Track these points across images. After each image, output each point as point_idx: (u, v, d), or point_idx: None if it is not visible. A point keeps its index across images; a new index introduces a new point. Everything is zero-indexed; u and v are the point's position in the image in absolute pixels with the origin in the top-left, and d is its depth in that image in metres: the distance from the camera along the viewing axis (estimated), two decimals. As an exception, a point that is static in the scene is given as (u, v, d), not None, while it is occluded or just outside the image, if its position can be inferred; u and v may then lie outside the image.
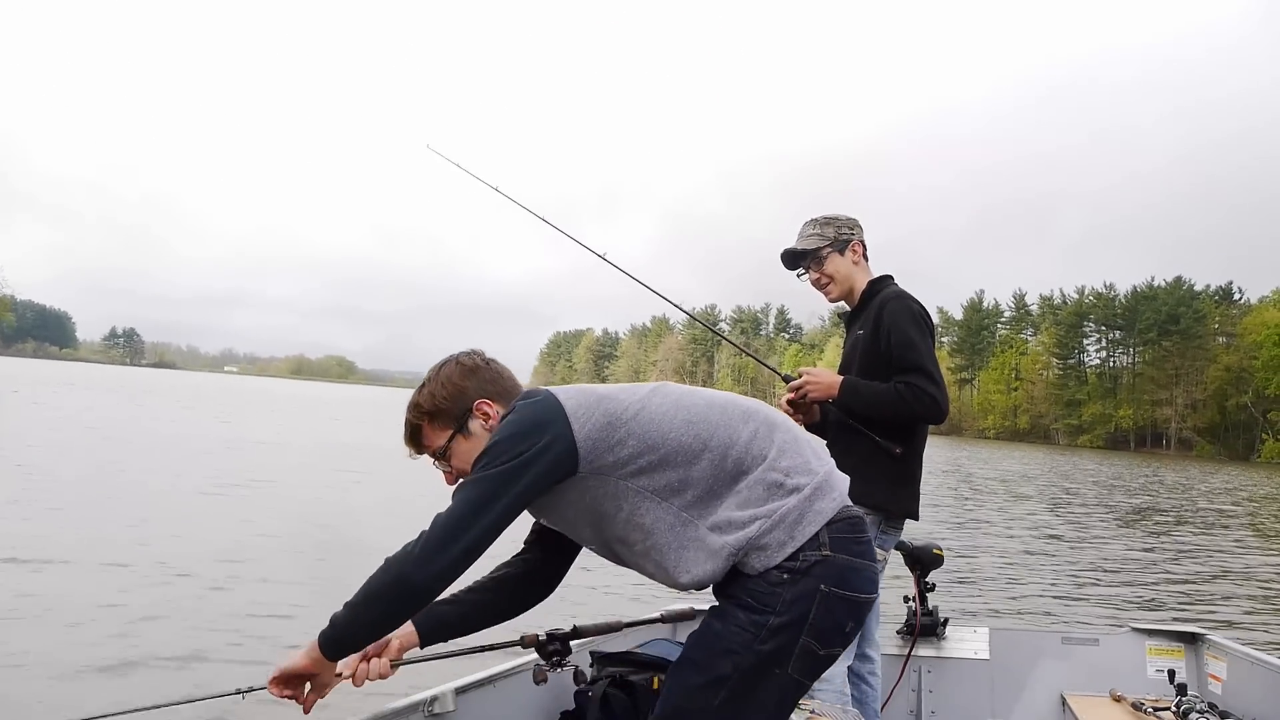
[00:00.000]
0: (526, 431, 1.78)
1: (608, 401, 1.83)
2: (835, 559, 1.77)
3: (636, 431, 1.80)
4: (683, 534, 1.80)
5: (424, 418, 1.97)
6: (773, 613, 1.75)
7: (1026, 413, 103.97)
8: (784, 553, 1.75)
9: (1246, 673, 3.36)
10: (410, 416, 1.99)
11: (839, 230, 3.13)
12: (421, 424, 1.98)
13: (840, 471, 1.92)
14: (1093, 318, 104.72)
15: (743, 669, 1.75)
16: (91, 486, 12.22)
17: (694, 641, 1.85)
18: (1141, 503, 23.71)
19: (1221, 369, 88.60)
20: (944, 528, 14.02)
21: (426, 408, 1.97)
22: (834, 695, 2.85)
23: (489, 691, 2.67)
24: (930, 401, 2.88)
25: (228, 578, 7.53)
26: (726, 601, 1.81)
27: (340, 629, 1.81)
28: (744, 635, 1.75)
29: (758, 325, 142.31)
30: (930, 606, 3.76)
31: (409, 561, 1.73)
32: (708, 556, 1.78)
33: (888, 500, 2.95)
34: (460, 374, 1.98)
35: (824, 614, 1.75)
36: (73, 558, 7.86)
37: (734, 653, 1.75)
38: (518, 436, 1.77)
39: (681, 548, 1.80)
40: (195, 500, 11.78)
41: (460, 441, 1.95)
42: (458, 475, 1.95)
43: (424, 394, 1.98)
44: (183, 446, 19.22)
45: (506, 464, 1.75)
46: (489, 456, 1.78)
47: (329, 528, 9.94)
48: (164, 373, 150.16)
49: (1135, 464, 53.39)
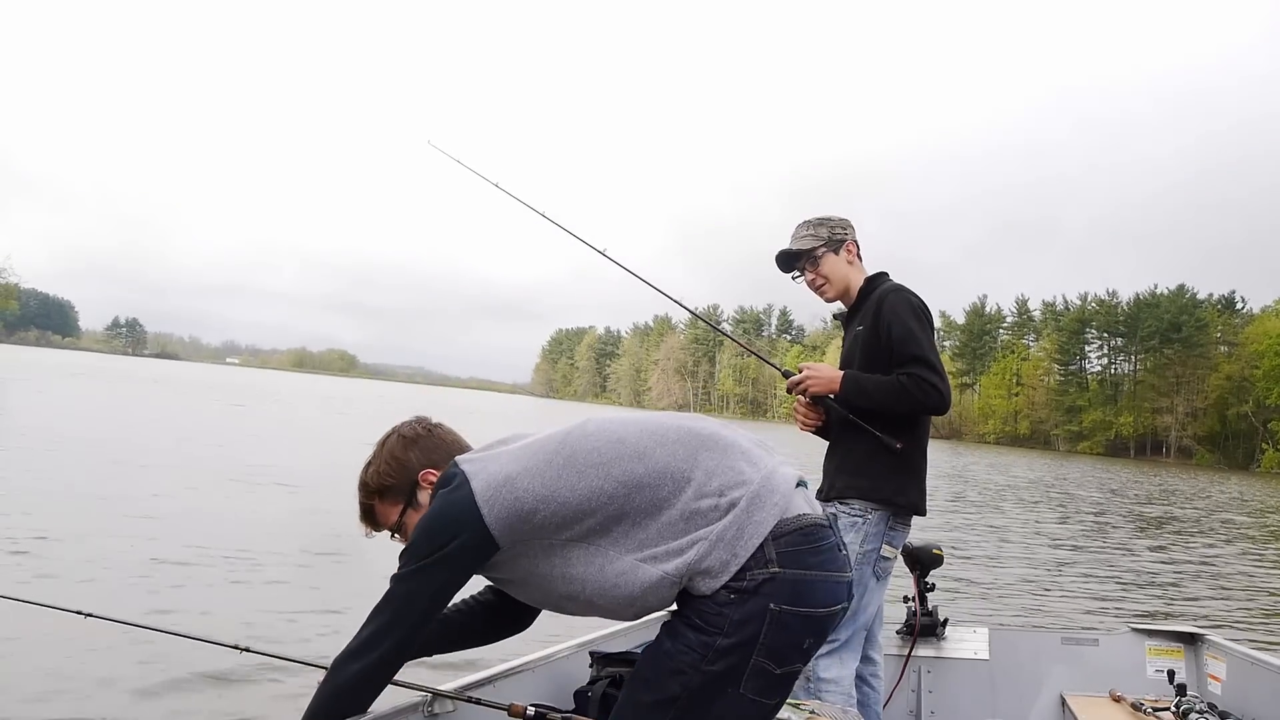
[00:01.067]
0: (440, 529, 1.80)
1: (516, 480, 1.79)
2: (784, 575, 1.70)
3: (549, 498, 1.77)
4: (621, 571, 1.76)
5: (374, 496, 2.03)
6: (720, 634, 1.69)
7: (1027, 418, 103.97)
8: (728, 572, 1.70)
9: (1246, 673, 3.36)
10: (361, 498, 2.05)
11: (832, 230, 3.11)
12: (373, 503, 2.03)
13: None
14: (1095, 324, 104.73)
15: (691, 689, 1.71)
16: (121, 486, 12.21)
17: (646, 657, 1.83)
18: (1142, 508, 23.71)
19: (1223, 378, 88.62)
20: (944, 528, 14.02)
21: (374, 486, 2.02)
22: (841, 698, 2.84)
23: (489, 691, 2.66)
24: (934, 391, 2.85)
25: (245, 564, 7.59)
26: (677, 619, 1.78)
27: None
28: (691, 655, 1.71)
29: (760, 326, 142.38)
30: (930, 607, 3.76)
31: (344, 664, 1.84)
32: (650, 588, 1.75)
33: (894, 495, 2.92)
34: (402, 447, 2.02)
35: (776, 633, 1.69)
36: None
37: (682, 673, 1.71)
38: (432, 533, 1.81)
39: (616, 586, 1.77)
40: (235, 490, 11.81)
41: (411, 515, 2.00)
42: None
43: (370, 473, 2.03)
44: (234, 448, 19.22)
45: (423, 562, 1.79)
46: (408, 556, 1.83)
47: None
48: (166, 363, 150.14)
49: (1136, 471, 53.28)
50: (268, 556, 7.99)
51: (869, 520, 2.90)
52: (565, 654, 2.99)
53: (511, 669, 2.75)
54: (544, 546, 1.80)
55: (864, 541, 2.89)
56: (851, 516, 2.89)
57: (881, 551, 2.94)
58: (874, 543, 2.91)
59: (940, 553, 3.77)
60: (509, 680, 2.72)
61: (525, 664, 2.80)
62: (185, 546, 8.07)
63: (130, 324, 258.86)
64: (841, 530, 2.84)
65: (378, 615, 1.83)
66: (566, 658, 2.98)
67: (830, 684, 2.86)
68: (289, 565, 7.79)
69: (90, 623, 2.54)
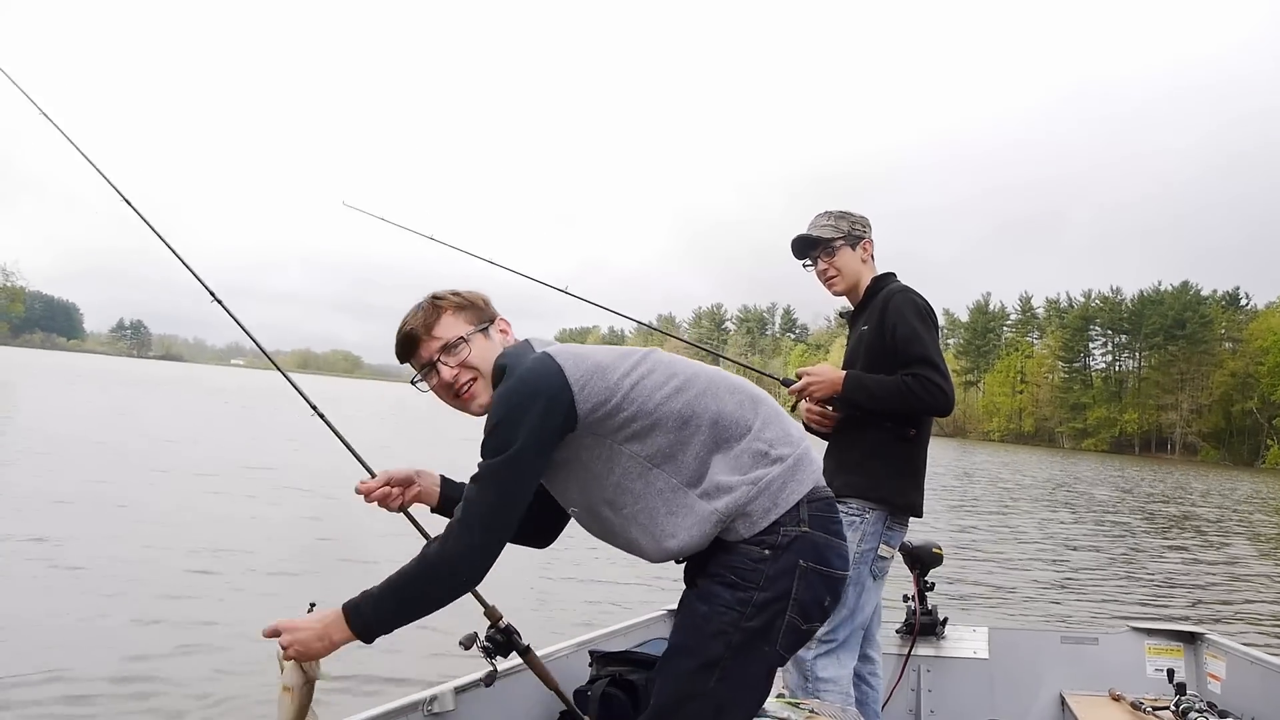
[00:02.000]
0: (528, 402, 1.75)
1: (604, 368, 1.82)
2: (812, 535, 1.81)
3: (632, 397, 1.80)
4: (672, 500, 1.80)
5: (449, 307, 1.92)
6: (757, 588, 1.76)
7: (1031, 416, 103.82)
8: (767, 520, 1.78)
9: (1245, 672, 3.37)
10: (429, 303, 1.93)
11: (853, 225, 3.13)
12: (443, 313, 1.92)
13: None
14: (1099, 321, 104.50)
15: (735, 647, 1.76)
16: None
17: (683, 627, 1.85)
18: (1158, 506, 23.68)
19: (1227, 374, 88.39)
20: (944, 527, 14.01)
21: (457, 300, 1.93)
22: (840, 697, 2.85)
23: (488, 691, 2.67)
24: (938, 392, 2.86)
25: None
26: (708, 581, 1.82)
27: (376, 611, 1.77)
28: (732, 614, 1.76)
29: (763, 325, 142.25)
30: (930, 606, 3.77)
31: (449, 552, 1.74)
32: (696, 523, 1.79)
33: (892, 494, 2.93)
34: (482, 296, 1.98)
35: (804, 589, 1.78)
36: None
37: (724, 633, 1.75)
38: (522, 408, 1.75)
39: (670, 513, 1.81)
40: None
41: (480, 339, 1.91)
42: (458, 381, 1.90)
43: (450, 291, 1.95)
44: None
45: (517, 440, 1.73)
46: (498, 436, 1.75)
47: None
48: (172, 365, 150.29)
49: (1145, 469, 53.17)
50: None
51: (867, 519, 2.91)
52: (565, 654, 3.00)
53: (511, 668, 2.76)
54: (609, 448, 1.81)
55: (861, 540, 2.89)
56: (849, 515, 2.89)
57: (879, 551, 2.94)
58: (871, 542, 2.92)
59: (940, 552, 3.78)
60: (509, 679, 2.73)
61: (524, 663, 2.81)
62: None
63: (135, 326, 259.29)
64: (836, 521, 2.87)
65: (481, 505, 1.75)
66: (566, 657, 2.99)
67: (828, 683, 2.87)
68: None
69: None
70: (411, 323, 1.92)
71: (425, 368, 1.93)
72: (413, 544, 1.91)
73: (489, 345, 1.91)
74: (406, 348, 1.94)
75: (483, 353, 1.90)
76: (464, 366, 1.89)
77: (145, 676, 5.01)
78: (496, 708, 2.69)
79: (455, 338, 1.90)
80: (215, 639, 5.72)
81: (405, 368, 2.63)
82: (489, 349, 1.91)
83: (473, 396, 1.90)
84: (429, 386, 1.95)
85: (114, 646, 5.44)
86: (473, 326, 1.91)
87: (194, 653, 5.47)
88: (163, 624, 6.00)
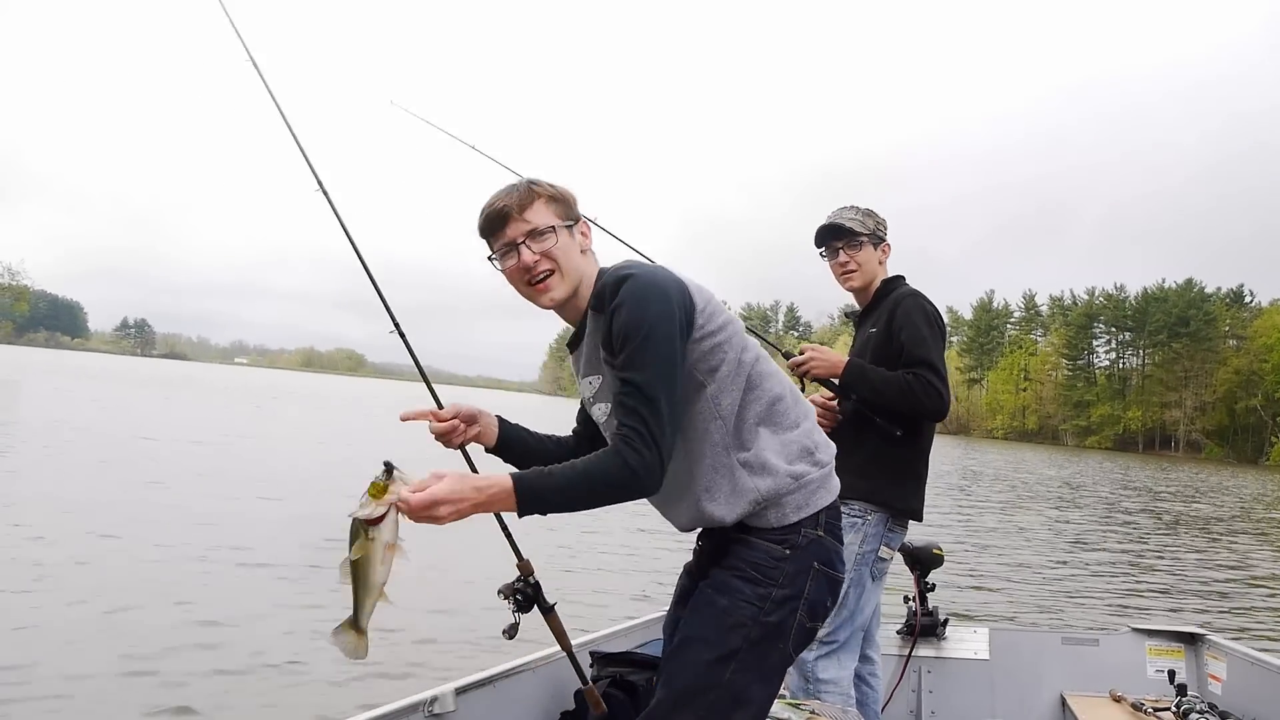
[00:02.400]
0: (672, 310, 1.75)
1: (714, 299, 1.87)
2: (826, 541, 1.88)
3: (728, 334, 1.84)
4: (718, 457, 1.83)
5: (543, 195, 1.88)
6: (775, 585, 1.81)
7: (1035, 413, 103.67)
8: (796, 516, 1.83)
9: (1246, 673, 3.37)
10: (526, 186, 1.89)
11: (878, 225, 3.15)
12: (538, 198, 1.87)
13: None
14: (1102, 319, 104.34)
15: (752, 640, 1.79)
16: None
17: (699, 619, 1.86)
18: (1152, 505, 23.64)
19: (1231, 372, 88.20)
20: (944, 528, 14.00)
21: (552, 191, 1.90)
22: (840, 698, 2.85)
23: (489, 691, 2.67)
24: (935, 395, 2.87)
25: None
26: (726, 574, 1.85)
27: (550, 492, 1.70)
28: (751, 608, 1.80)
29: (767, 323, 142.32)
30: (930, 607, 3.77)
31: (641, 464, 1.69)
32: (734, 493, 1.83)
33: (893, 498, 2.94)
34: (573, 195, 1.93)
35: (815, 589, 1.84)
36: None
37: (744, 626, 1.79)
38: (665, 314, 1.74)
39: (715, 470, 1.84)
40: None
41: (565, 235, 1.87)
42: (537, 268, 1.86)
43: (544, 183, 1.91)
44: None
45: (675, 347, 1.74)
46: (651, 344, 1.72)
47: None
48: (176, 364, 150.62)
49: (1155, 468, 53.10)
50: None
51: (868, 521, 2.92)
52: (565, 654, 3.00)
53: (512, 669, 2.77)
54: (694, 379, 1.81)
55: (863, 542, 2.90)
56: (852, 517, 2.89)
57: (879, 553, 2.95)
58: (872, 544, 2.93)
59: (940, 552, 3.77)
60: (509, 680, 2.74)
61: (525, 664, 2.82)
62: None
63: (139, 325, 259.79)
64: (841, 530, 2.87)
65: (651, 412, 1.70)
66: (567, 658, 2.99)
67: (829, 685, 2.87)
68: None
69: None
70: (505, 201, 1.87)
71: (506, 248, 1.88)
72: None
73: (571, 243, 1.88)
74: (493, 224, 1.88)
75: (565, 249, 1.87)
76: (546, 256, 1.85)
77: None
78: (496, 708, 2.69)
79: (546, 225, 1.85)
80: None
81: (408, 367, 2.62)
82: (570, 247, 1.88)
83: (547, 289, 1.87)
84: (503, 268, 1.90)
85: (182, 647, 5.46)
86: (561, 221, 1.87)
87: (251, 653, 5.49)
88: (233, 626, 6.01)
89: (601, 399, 1.92)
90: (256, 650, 5.56)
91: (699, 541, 2.04)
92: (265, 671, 5.20)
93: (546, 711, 2.88)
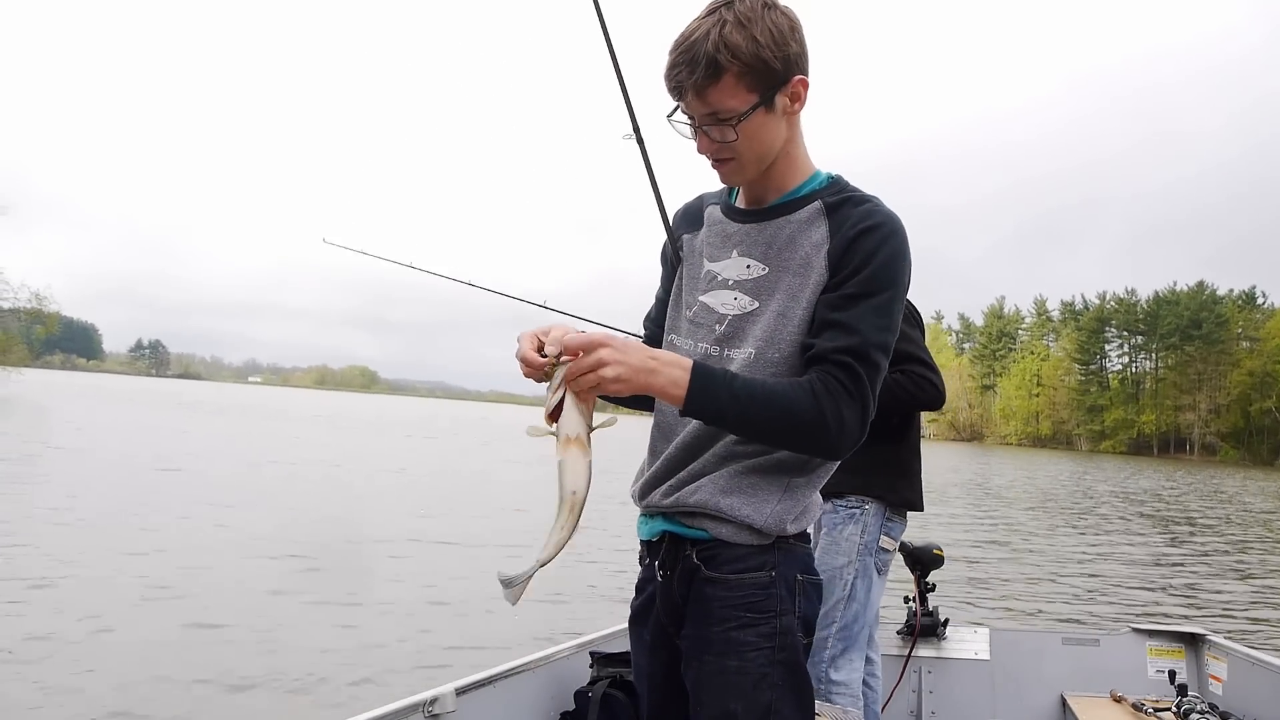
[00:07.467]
0: (907, 270, 1.57)
1: None
2: (798, 548, 1.70)
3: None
4: (787, 466, 1.65)
5: (734, 66, 1.48)
6: (775, 615, 1.66)
7: (1049, 419, 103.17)
8: (797, 528, 1.66)
9: (1247, 673, 3.36)
10: (709, 57, 1.47)
11: None
12: (727, 72, 1.48)
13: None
14: (1114, 323, 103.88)
15: (777, 683, 1.61)
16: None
17: (717, 695, 1.62)
18: (1161, 510, 23.49)
19: (1245, 374, 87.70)
20: (945, 528, 13.97)
21: (746, 57, 1.48)
22: (850, 700, 2.86)
23: (489, 691, 2.70)
24: (928, 385, 2.91)
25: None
26: (721, 631, 1.64)
27: (728, 399, 1.47)
28: (763, 655, 1.61)
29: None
30: (930, 607, 3.77)
31: (844, 419, 1.51)
32: (763, 504, 1.63)
33: (886, 491, 2.97)
34: (790, 31, 1.52)
35: (805, 603, 1.69)
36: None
37: (765, 676, 1.60)
38: (907, 285, 1.57)
39: (777, 471, 1.64)
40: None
41: (760, 115, 1.52)
42: (715, 154, 1.59)
43: (744, 36, 1.47)
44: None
45: (900, 317, 1.57)
46: (898, 308, 1.56)
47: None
48: (191, 384, 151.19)
49: (1169, 471, 52.74)
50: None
51: (866, 511, 2.94)
52: (565, 654, 3.02)
53: (512, 669, 2.79)
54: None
55: (864, 532, 2.92)
56: (850, 509, 2.93)
57: (881, 543, 2.97)
58: (874, 533, 2.95)
59: (941, 553, 3.78)
60: (509, 680, 2.76)
61: (525, 664, 2.84)
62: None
63: (153, 345, 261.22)
64: (840, 524, 2.89)
65: (872, 373, 1.53)
66: (567, 658, 3.02)
67: (841, 687, 2.87)
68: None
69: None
70: (683, 72, 1.50)
71: (685, 117, 1.58)
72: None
73: (767, 122, 1.54)
74: (671, 88, 1.56)
75: (757, 133, 1.54)
76: (727, 145, 1.55)
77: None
78: (496, 708, 2.72)
79: (730, 111, 1.51)
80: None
81: (421, 383, 2.62)
82: (766, 127, 1.54)
83: (727, 174, 1.62)
84: (684, 133, 1.61)
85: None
86: (756, 97, 1.50)
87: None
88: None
89: (745, 291, 1.62)
90: (259, 652, 5.63)
91: (662, 570, 1.70)
92: (266, 672, 5.25)
93: (546, 711, 2.91)
